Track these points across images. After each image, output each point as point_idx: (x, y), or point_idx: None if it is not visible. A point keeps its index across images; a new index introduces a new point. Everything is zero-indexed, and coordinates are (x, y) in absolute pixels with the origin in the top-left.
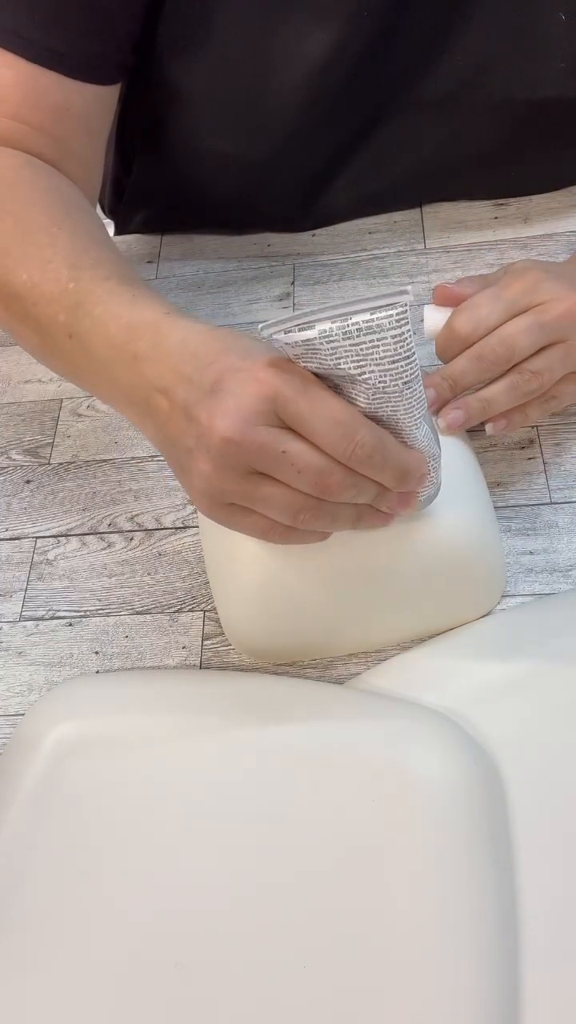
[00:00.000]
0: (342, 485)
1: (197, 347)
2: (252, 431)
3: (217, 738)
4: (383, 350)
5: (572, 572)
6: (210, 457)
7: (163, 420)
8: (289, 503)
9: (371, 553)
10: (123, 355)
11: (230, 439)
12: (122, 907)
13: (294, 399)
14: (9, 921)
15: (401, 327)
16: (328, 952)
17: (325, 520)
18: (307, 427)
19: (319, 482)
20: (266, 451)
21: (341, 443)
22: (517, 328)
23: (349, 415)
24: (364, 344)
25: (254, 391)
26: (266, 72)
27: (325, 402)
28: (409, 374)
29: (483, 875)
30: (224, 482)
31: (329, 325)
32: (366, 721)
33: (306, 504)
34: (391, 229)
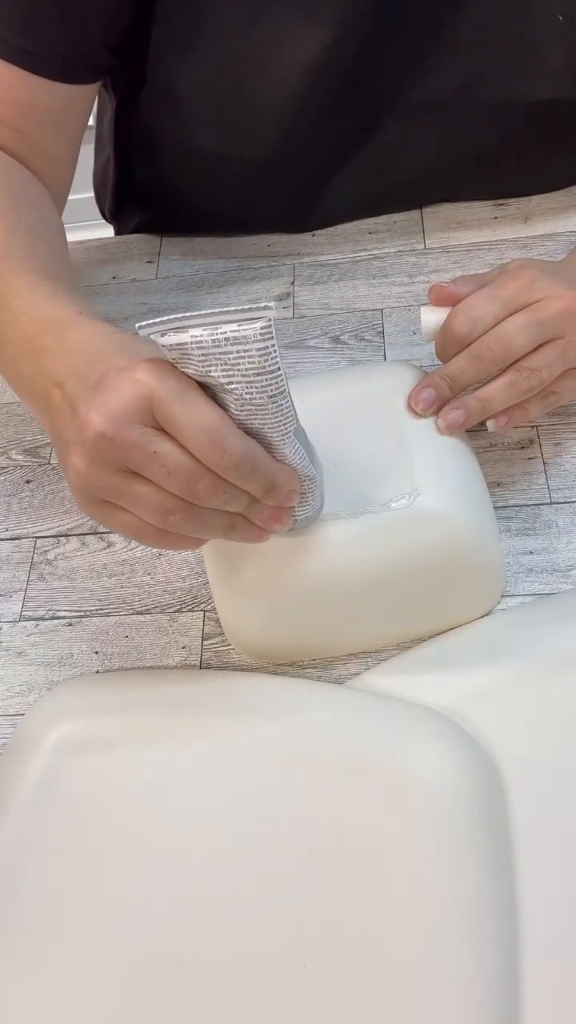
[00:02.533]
0: (211, 490)
1: (95, 346)
2: (125, 428)
3: (217, 738)
4: (248, 362)
5: (572, 572)
6: (84, 451)
7: (54, 413)
8: (158, 504)
9: (371, 553)
10: (31, 349)
11: (103, 434)
12: (122, 907)
13: (168, 401)
14: (9, 921)
15: (265, 341)
16: (328, 952)
17: (195, 524)
18: (179, 430)
19: (188, 485)
20: (137, 449)
21: (210, 449)
22: (514, 326)
23: (220, 422)
24: (231, 354)
25: (130, 390)
26: (260, 72)
27: (198, 408)
28: (274, 388)
29: (483, 875)
30: (97, 477)
31: (200, 332)
32: (366, 721)
33: (176, 506)
34: (391, 229)
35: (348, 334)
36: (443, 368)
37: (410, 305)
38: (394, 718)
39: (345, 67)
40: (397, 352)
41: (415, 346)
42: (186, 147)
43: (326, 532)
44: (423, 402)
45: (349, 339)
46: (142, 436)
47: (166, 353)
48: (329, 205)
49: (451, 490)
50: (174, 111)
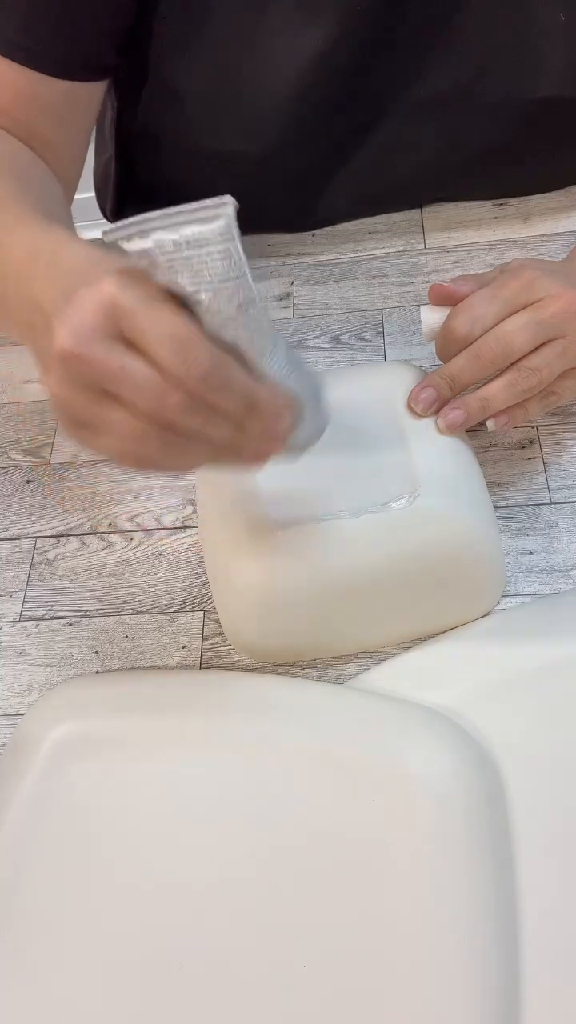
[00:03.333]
0: (183, 407)
1: (84, 265)
2: (90, 344)
3: (217, 738)
4: (211, 267)
5: (572, 572)
6: (55, 370)
7: (38, 336)
8: (134, 430)
9: (371, 553)
10: (22, 276)
11: (69, 351)
12: (123, 907)
13: (132, 311)
14: (9, 921)
15: (226, 242)
16: (328, 951)
17: (172, 450)
18: (144, 342)
19: (158, 401)
20: (103, 364)
21: (175, 359)
22: (514, 326)
23: (187, 332)
24: (194, 258)
25: (95, 302)
26: (261, 69)
27: (163, 317)
28: (243, 296)
29: (483, 874)
30: (71, 398)
31: (163, 235)
32: (366, 721)
33: (151, 432)
34: (391, 229)
35: (348, 334)
36: (443, 368)
37: (410, 305)
38: (394, 718)
39: (345, 65)
40: (397, 352)
41: (415, 346)
42: (187, 144)
43: (326, 532)
44: (423, 402)
45: (349, 339)
46: (107, 350)
47: (136, 261)
48: (329, 204)
49: (451, 490)
50: (175, 108)
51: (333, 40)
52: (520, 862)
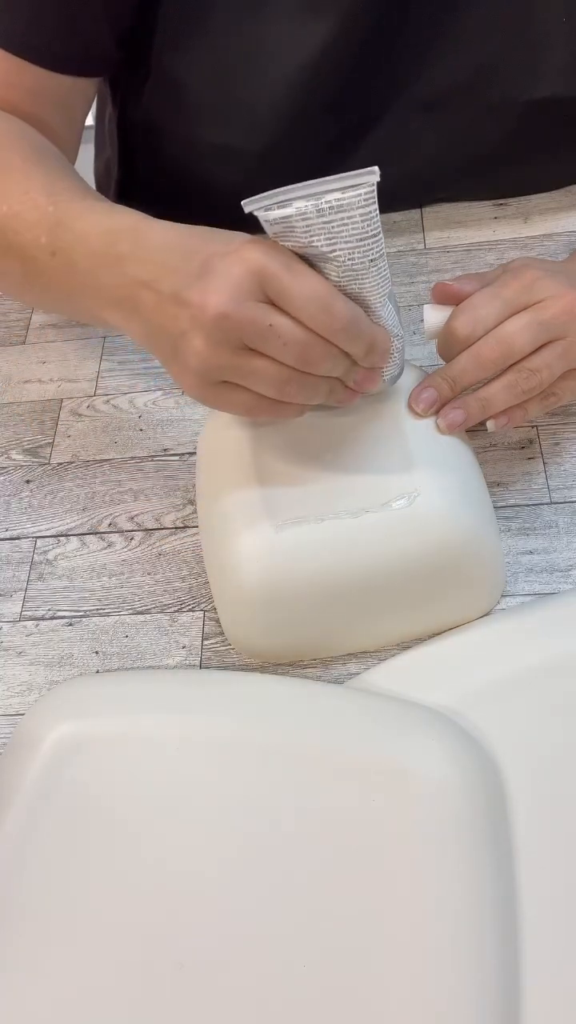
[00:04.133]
0: (322, 356)
1: (178, 241)
2: (243, 306)
3: (217, 738)
4: (352, 228)
5: (572, 572)
6: (205, 334)
7: (150, 312)
8: (276, 375)
9: (371, 553)
10: (106, 259)
11: (224, 313)
12: (123, 907)
13: (278, 275)
14: (9, 921)
15: (368, 206)
16: (328, 951)
17: (307, 392)
18: (290, 302)
19: (302, 353)
20: (256, 324)
21: (320, 316)
22: (515, 327)
23: (327, 290)
24: (335, 222)
25: (242, 269)
26: (261, 65)
27: (306, 278)
28: (376, 251)
29: (483, 874)
30: (218, 357)
31: (304, 203)
32: (366, 721)
33: (291, 376)
34: (391, 229)
35: None
36: (444, 368)
37: (410, 305)
38: (394, 718)
39: (346, 62)
40: None
41: (415, 346)
42: (188, 141)
43: (326, 532)
44: (424, 402)
45: None
46: (259, 311)
47: (268, 228)
48: None
49: (451, 490)
50: (176, 104)
51: (333, 36)
52: (520, 861)
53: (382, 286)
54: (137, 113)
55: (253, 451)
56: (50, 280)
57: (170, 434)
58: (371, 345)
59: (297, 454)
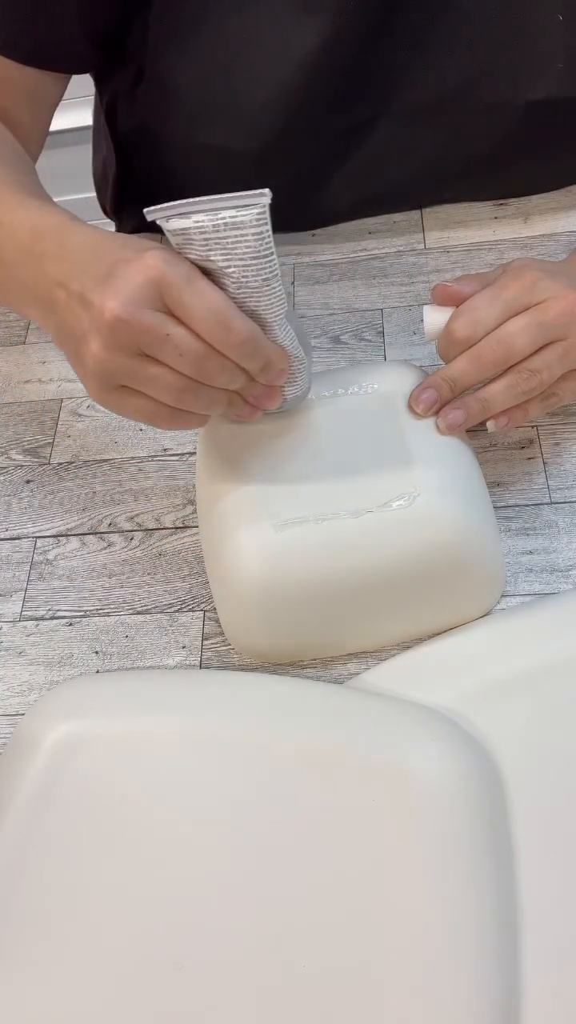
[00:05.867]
0: (218, 369)
1: (95, 244)
2: (140, 312)
3: (217, 738)
4: (245, 246)
5: (572, 572)
6: (102, 337)
7: (61, 311)
8: (173, 383)
9: (371, 553)
10: (30, 256)
11: (120, 318)
12: (123, 907)
13: (177, 285)
14: (9, 920)
15: (260, 225)
16: (328, 951)
17: (204, 402)
18: (188, 314)
19: (198, 365)
20: (152, 332)
21: (217, 330)
22: (515, 328)
23: (225, 305)
24: (230, 238)
25: (143, 276)
26: (254, 66)
27: (206, 292)
28: (268, 272)
29: (483, 874)
30: (114, 362)
31: (203, 217)
32: (366, 721)
33: (187, 386)
34: (391, 229)
35: (348, 334)
36: (444, 369)
37: (410, 305)
38: (394, 718)
39: (340, 63)
40: (397, 352)
41: (415, 346)
42: (183, 141)
43: (326, 532)
44: (424, 403)
45: (349, 339)
46: (156, 319)
47: (171, 238)
48: (328, 204)
49: (451, 490)
50: (171, 105)
51: (326, 37)
52: (520, 861)
53: (277, 306)
54: (132, 113)
55: (253, 451)
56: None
57: (170, 434)
58: (268, 363)
59: (297, 454)
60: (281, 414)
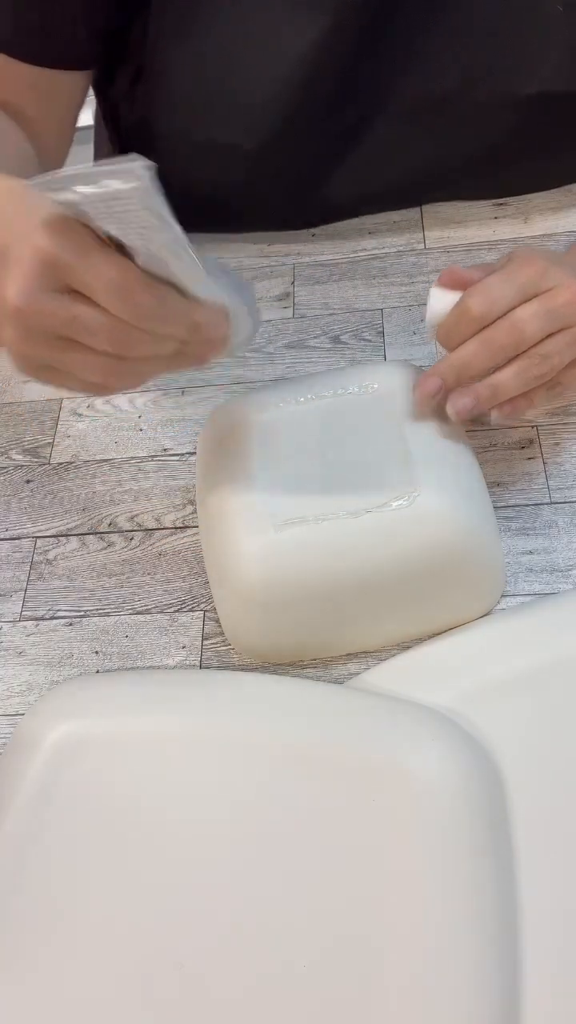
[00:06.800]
0: (139, 340)
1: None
2: (37, 299)
3: (217, 738)
4: (135, 216)
5: (572, 572)
6: (12, 326)
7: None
8: (94, 364)
9: (371, 553)
10: None
11: (19, 308)
12: (123, 908)
13: (70, 265)
14: (9, 922)
15: (144, 199)
16: (328, 951)
17: (134, 374)
18: (89, 291)
19: (115, 341)
20: (55, 316)
21: (121, 305)
22: (526, 314)
23: (126, 277)
24: (117, 209)
25: (34, 259)
26: (254, 59)
27: (101, 265)
28: (167, 240)
29: (483, 875)
30: (31, 348)
31: (85, 188)
32: (366, 721)
33: (111, 364)
34: (391, 229)
35: (348, 334)
36: (452, 356)
37: (410, 305)
38: (394, 718)
39: (340, 60)
40: (397, 352)
41: (415, 346)
42: (183, 139)
43: (326, 532)
44: (429, 388)
45: (349, 339)
46: (57, 304)
47: (66, 210)
48: (327, 202)
49: (451, 490)
50: (170, 102)
51: (325, 35)
52: (520, 861)
53: (190, 270)
54: (131, 112)
55: (253, 451)
56: None
57: (170, 434)
58: (193, 325)
59: (297, 454)
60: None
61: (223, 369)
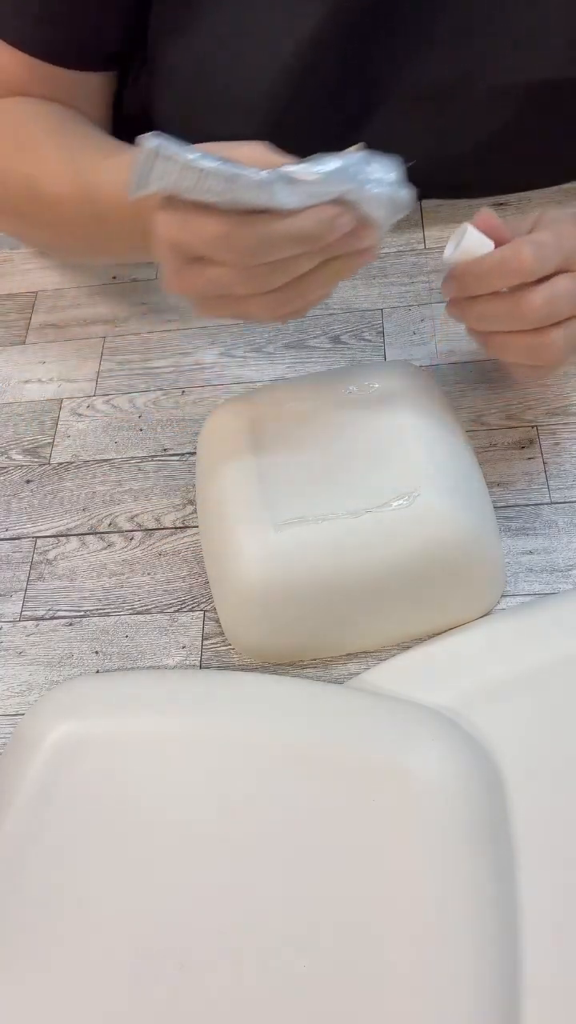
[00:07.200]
0: (267, 275)
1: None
2: (180, 278)
3: (217, 738)
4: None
5: (572, 572)
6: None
7: None
8: (255, 307)
9: (371, 553)
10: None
11: (176, 289)
12: (123, 907)
13: (181, 239)
14: (10, 922)
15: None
16: (328, 951)
17: (296, 299)
18: (203, 252)
19: (248, 283)
20: (199, 285)
21: (228, 252)
22: (563, 290)
23: (220, 227)
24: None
25: (160, 247)
26: (253, 50)
27: (201, 228)
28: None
29: (483, 875)
30: (209, 313)
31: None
32: (366, 721)
33: (264, 301)
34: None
35: (348, 334)
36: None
37: (410, 305)
38: (394, 718)
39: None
40: (397, 352)
41: (415, 346)
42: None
43: (326, 532)
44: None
45: (349, 339)
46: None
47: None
48: None
49: (451, 490)
50: (169, 92)
51: (323, 25)
52: (520, 861)
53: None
54: (133, 101)
55: (253, 451)
56: (112, 240)
57: (170, 434)
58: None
59: (297, 454)
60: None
61: (223, 369)
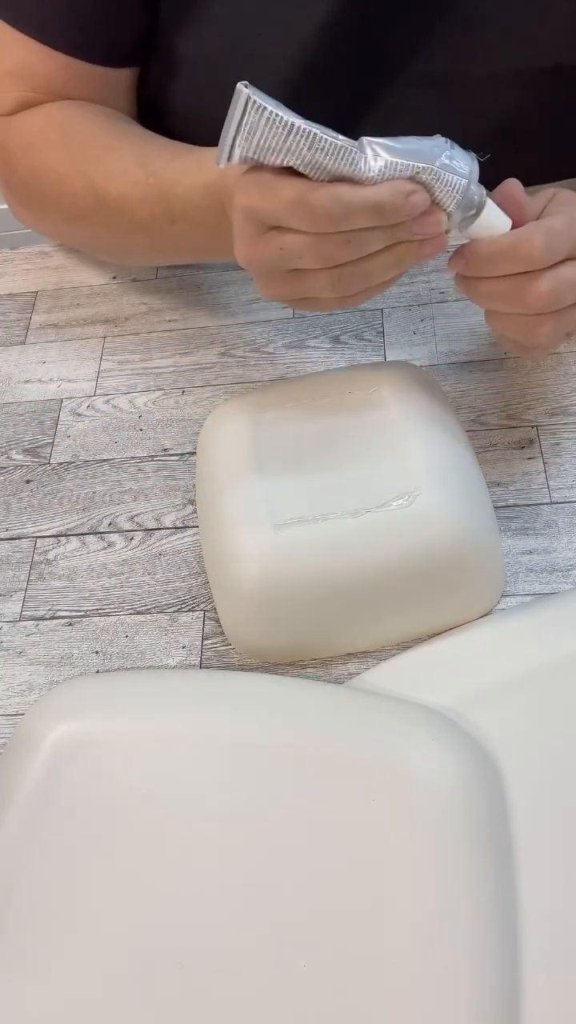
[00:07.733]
0: (337, 247)
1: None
2: (253, 247)
3: (217, 738)
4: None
5: (572, 572)
6: (255, 276)
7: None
8: (321, 282)
9: (371, 553)
10: (218, 210)
11: (247, 260)
12: (124, 907)
13: (258, 206)
14: (10, 922)
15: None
16: (328, 951)
17: (360, 279)
18: (280, 221)
19: (318, 255)
20: (269, 255)
21: (302, 218)
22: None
23: (297, 192)
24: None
25: (237, 216)
26: (262, 39)
27: (278, 194)
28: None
29: (483, 875)
30: (274, 289)
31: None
32: (366, 721)
33: (332, 277)
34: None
35: (348, 334)
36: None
37: (410, 305)
38: (394, 718)
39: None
40: (397, 352)
41: (415, 346)
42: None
43: (326, 532)
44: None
45: (349, 339)
46: (265, 243)
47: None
48: None
49: (451, 490)
50: (181, 79)
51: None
52: (520, 862)
53: (343, 154)
54: (144, 88)
55: (253, 451)
56: (180, 241)
57: (170, 434)
58: (376, 207)
59: (297, 454)
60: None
61: (223, 369)
